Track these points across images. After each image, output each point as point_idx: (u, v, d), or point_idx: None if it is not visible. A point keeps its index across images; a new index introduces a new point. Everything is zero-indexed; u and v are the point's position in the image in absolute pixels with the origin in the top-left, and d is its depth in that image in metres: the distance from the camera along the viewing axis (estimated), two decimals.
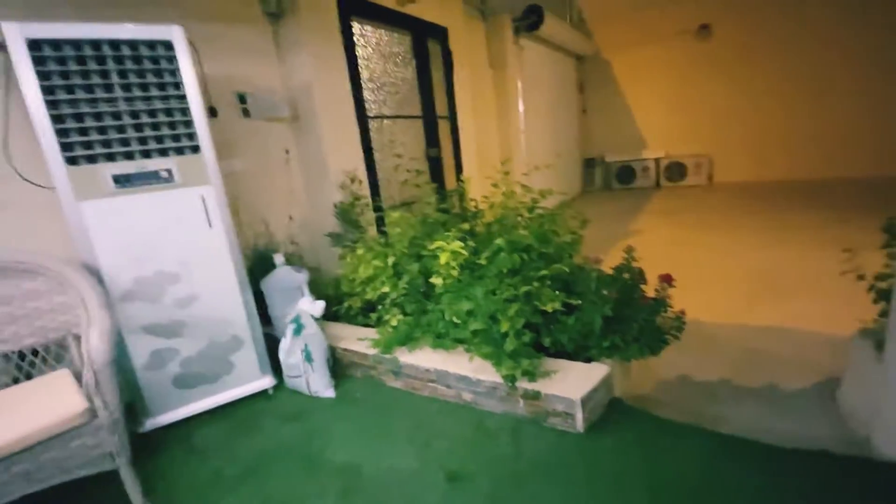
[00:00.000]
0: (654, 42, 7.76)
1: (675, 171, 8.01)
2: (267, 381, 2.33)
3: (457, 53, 4.53)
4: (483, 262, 2.11)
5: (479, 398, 2.01)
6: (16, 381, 1.86)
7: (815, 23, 6.59)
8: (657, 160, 8.17)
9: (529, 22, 5.72)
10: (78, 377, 1.77)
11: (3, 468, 1.41)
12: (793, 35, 6.77)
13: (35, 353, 1.89)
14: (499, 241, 2.06)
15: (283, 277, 2.54)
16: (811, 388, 2.01)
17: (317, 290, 2.69)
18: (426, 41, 4.19)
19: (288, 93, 3.10)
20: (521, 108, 5.96)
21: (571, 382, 1.81)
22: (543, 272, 2.01)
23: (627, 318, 1.93)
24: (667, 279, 1.93)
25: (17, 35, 1.68)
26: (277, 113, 3.01)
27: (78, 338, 1.87)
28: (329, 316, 2.70)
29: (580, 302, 1.97)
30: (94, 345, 1.59)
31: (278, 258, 2.55)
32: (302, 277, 2.56)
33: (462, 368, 2.04)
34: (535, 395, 1.81)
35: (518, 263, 2.02)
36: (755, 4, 6.91)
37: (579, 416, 1.72)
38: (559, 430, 1.80)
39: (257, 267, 2.70)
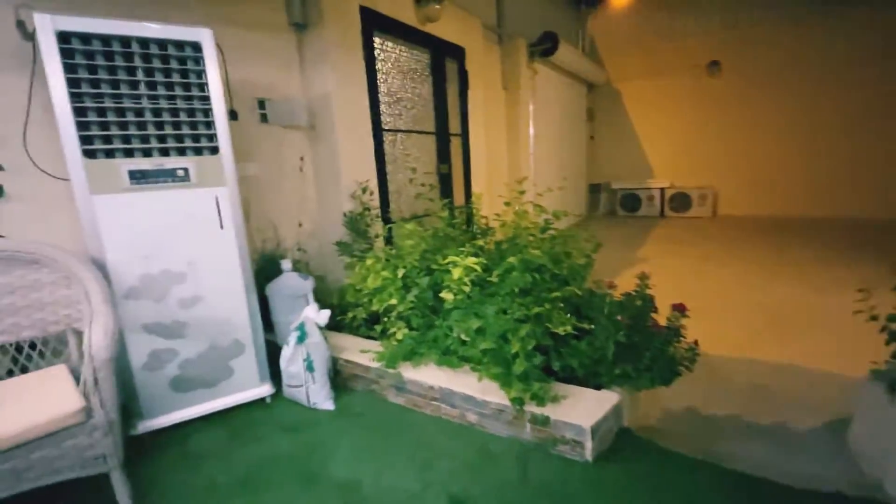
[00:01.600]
0: (664, 75, 7.91)
1: (680, 201, 8.05)
2: (265, 389, 2.28)
3: (472, 73, 4.59)
4: (494, 280, 2.08)
5: (484, 420, 1.96)
6: (10, 373, 1.82)
7: (824, 64, 6.73)
8: (662, 190, 8.22)
9: (544, 48, 5.82)
10: (75, 374, 1.73)
11: None
12: (801, 75, 6.91)
13: (33, 346, 1.85)
14: (512, 260, 2.04)
15: (289, 284, 2.51)
16: (821, 428, 1.96)
17: (321, 299, 2.66)
18: (444, 60, 4.25)
19: (307, 101, 3.12)
20: (531, 130, 6.02)
21: (581, 409, 1.77)
22: (556, 294, 1.99)
23: (638, 345, 1.90)
24: (680, 308, 1.91)
25: (47, 26, 1.69)
26: (295, 120, 3.02)
27: (78, 333, 1.83)
28: (331, 326, 2.66)
29: (592, 326, 1.94)
30: (97, 341, 1.55)
31: (285, 264, 2.52)
32: (308, 285, 2.53)
33: (468, 388, 2.00)
34: (544, 421, 1.76)
35: (530, 283, 2.00)
36: (764, 44, 7.06)
37: (588, 444, 1.68)
38: (567, 458, 1.74)
39: (264, 272, 2.67)
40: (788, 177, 7.27)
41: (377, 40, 3.45)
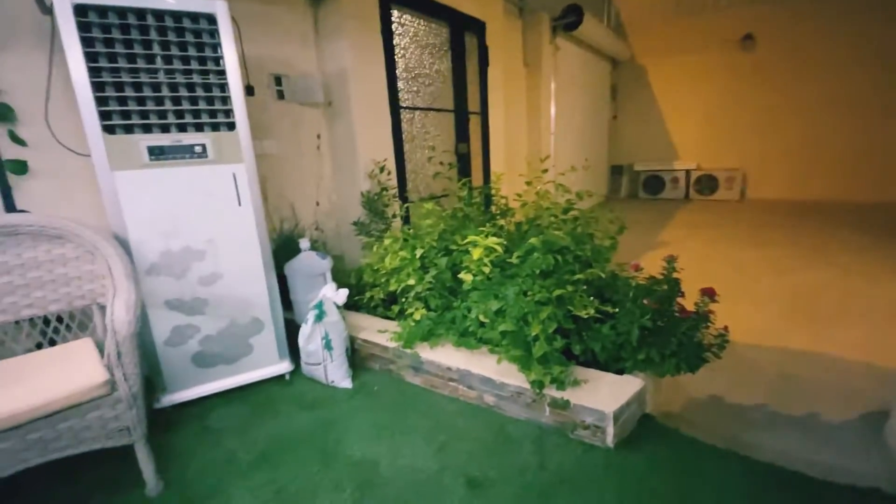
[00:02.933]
0: (694, 50, 7.56)
1: (706, 184, 7.79)
2: (285, 367, 2.29)
3: (493, 49, 4.44)
4: (515, 261, 2.03)
5: (502, 402, 1.94)
6: (39, 346, 1.86)
7: (867, 39, 6.32)
8: (688, 172, 7.96)
9: (568, 21, 5.60)
10: (100, 348, 1.76)
11: (21, 434, 1.39)
12: (842, 50, 6.51)
13: (60, 319, 1.89)
14: (533, 241, 1.98)
15: (308, 263, 2.50)
16: (855, 420, 1.88)
17: (339, 279, 2.65)
18: (463, 34, 4.12)
19: (323, 77, 3.06)
20: (552, 109, 5.84)
21: (603, 394, 1.72)
22: (578, 276, 1.93)
23: (664, 331, 1.83)
24: (710, 293, 1.83)
25: (64, 0, 1.66)
26: (312, 97, 2.97)
27: (103, 308, 1.86)
28: (349, 305, 2.66)
29: (616, 310, 1.88)
30: (119, 316, 1.56)
31: (304, 243, 2.51)
32: (326, 264, 2.51)
33: (486, 370, 1.97)
34: (564, 405, 1.73)
35: (552, 265, 1.94)
36: (803, 17, 6.66)
37: (610, 430, 1.64)
38: (587, 443, 1.71)
39: (282, 251, 2.66)
40: (825, 159, 6.94)
41: (395, 13, 3.34)
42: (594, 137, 7.83)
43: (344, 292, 2.22)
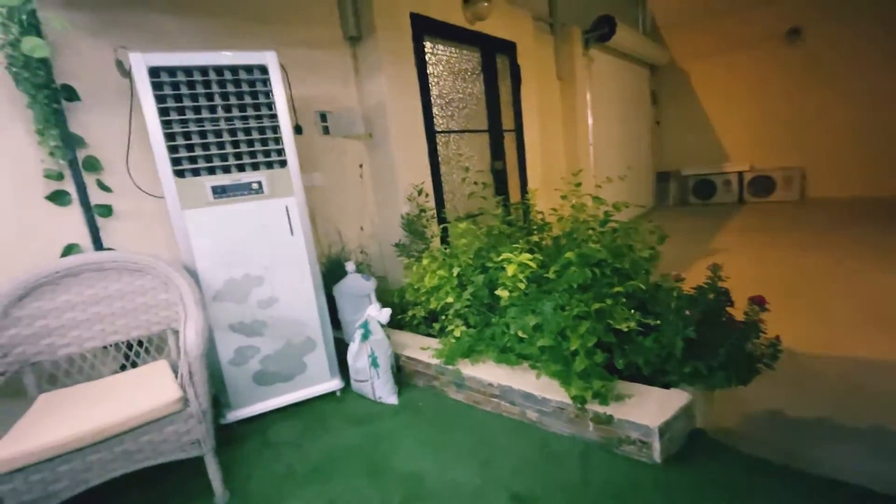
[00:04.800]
0: (736, 49, 7.27)
1: (762, 185, 7.37)
2: (336, 384, 2.42)
3: (525, 67, 4.53)
4: (551, 276, 2.06)
5: (544, 418, 1.95)
6: (123, 368, 2.09)
7: None
8: (740, 173, 7.57)
9: (600, 33, 5.60)
10: (174, 369, 1.95)
11: (110, 446, 1.58)
12: None
13: (140, 344, 2.11)
14: (569, 255, 2.00)
15: (354, 284, 2.64)
16: None
17: (383, 298, 2.78)
18: (495, 56, 4.24)
19: (364, 111, 3.26)
20: (589, 120, 5.81)
21: (648, 409, 1.70)
22: (618, 289, 1.92)
23: (712, 342, 1.79)
24: (759, 301, 1.77)
25: (140, 63, 1.92)
26: (354, 130, 3.17)
27: (176, 332, 2.07)
28: (393, 324, 2.77)
29: (658, 322, 1.85)
30: (190, 339, 1.74)
31: (349, 266, 2.66)
32: (370, 285, 2.65)
33: (527, 385, 2.00)
34: (608, 420, 1.72)
35: (589, 278, 1.95)
36: (851, 4, 6.25)
37: (656, 445, 1.61)
38: (633, 459, 1.69)
39: (330, 274, 2.83)
40: (890, 152, 6.39)
41: (428, 45, 3.52)
42: (636, 145, 7.66)
43: (387, 311, 2.33)
